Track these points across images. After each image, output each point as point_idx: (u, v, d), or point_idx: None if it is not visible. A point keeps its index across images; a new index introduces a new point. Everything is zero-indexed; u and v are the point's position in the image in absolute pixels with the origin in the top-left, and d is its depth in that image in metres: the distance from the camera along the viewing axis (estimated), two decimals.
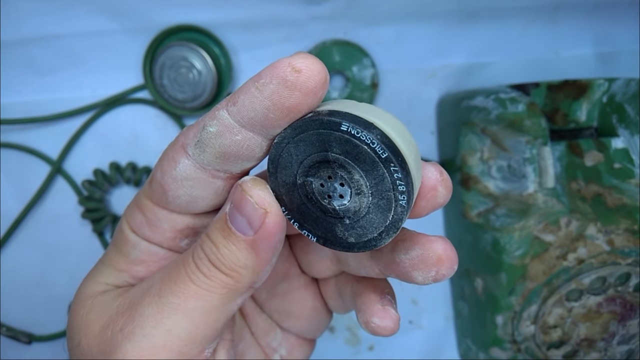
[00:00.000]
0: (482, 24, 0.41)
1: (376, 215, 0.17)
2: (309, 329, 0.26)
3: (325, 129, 0.17)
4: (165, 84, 0.37)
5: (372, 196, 0.17)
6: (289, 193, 0.18)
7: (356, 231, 0.18)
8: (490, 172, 0.36)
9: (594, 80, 0.33)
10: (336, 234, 0.18)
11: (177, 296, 0.18)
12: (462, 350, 0.41)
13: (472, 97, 0.36)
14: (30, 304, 0.38)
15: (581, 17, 0.42)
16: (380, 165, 0.16)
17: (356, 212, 0.17)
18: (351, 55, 0.40)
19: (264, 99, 0.16)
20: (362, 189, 0.17)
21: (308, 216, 0.18)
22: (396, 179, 0.16)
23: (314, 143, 0.17)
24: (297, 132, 0.17)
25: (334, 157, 0.17)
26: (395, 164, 0.16)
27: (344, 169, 0.17)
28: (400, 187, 0.16)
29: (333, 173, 0.17)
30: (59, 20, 0.37)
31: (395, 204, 0.17)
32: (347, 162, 0.17)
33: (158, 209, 0.20)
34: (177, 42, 0.37)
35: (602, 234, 0.33)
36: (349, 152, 0.17)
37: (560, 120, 0.34)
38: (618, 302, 0.34)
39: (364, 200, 0.17)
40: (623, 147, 0.31)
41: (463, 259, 0.39)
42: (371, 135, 0.16)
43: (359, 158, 0.17)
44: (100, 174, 0.38)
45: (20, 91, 0.38)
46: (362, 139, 0.16)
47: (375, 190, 0.17)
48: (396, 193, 0.17)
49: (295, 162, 0.18)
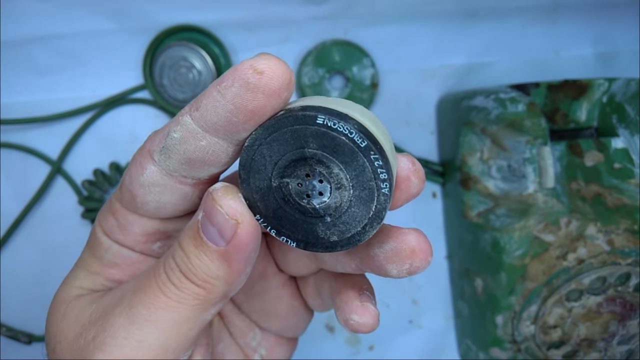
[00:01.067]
0: (482, 24, 0.41)
1: (358, 208, 0.17)
2: (289, 328, 0.25)
3: (300, 124, 0.16)
4: (165, 84, 0.37)
5: (353, 189, 0.17)
6: (263, 198, 0.17)
7: (338, 228, 0.17)
8: (490, 172, 0.36)
9: (594, 80, 0.33)
10: (317, 234, 0.17)
11: (147, 307, 0.18)
12: (462, 350, 0.41)
13: (472, 97, 0.36)
14: (30, 304, 0.38)
15: (581, 17, 0.42)
16: (359, 155, 0.16)
17: (337, 208, 0.17)
18: (351, 55, 0.40)
19: (227, 103, 0.16)
20: (343, 182, 0.17)
21: (286, 220, 0.18)
22: (377, 167, 0.16)
23: (288, 141, 0.16)
24: (270, 131, 0.16)
25: (311, 152, 0.16)
26: (375, 152, 0.16)
27: (322, 164, 0.17)
28: (381, 175, 0.16)
29: (311, 170, 0.17)
30: (59, 20, 0.37)
31: (377, 193, 0.16)
32: (325, 157, 0.16)
33: (128, 213, 0.20)
34: (177, 42, 0.37)
35: (602, 234, 0.33)
36: (326, 145, 0.16)
37: (560, 120, 0.34)
38: (618, 302, 0.34)
39: (345, 194, 0.17)
40: (623, 147, 0.31)
41: (463, 259, 0.39)
42: (348, 126, 0.16)
43: (338, 150, 0.16)
44: (100, 174, 0.38)
45: (20, 91, 0.38)
46: (340, 130, 0.16)
47: (356, 182, 0.16)
48: (378, 182, 0.16)
49: (269, 164, 0.17)
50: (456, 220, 0.39)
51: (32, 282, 0.38)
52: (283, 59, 0.16)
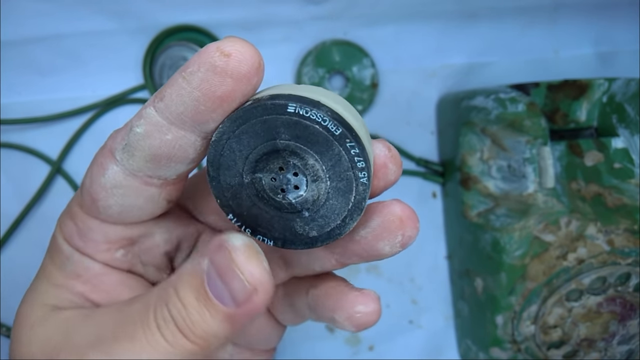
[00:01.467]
0: (482, 23, 0.41)
1: (337, 200, 0.16)
2: (260, 342, 0.24)
3: (270, 114, 0.15)
4: None
5: (330, 180, 0.16)
6: (236, 196, 0.16)
7: (317, 222, 0.16)
8: (490, 172, 0.36)
9: (594, 80, 0.33)
10: (296, 231, 0.16)
11: (130, 353, 0.16)
12: (462, 350, 0.41)
13: (472, 97, 0.36)
14: None
15: (581, 17, 0.42)
16: (335, 144, 0.15)
17: (315, 202, 0.16)
18: (351, 55, 0.40)
19: (193, 90, 0.15)
20: (319, 174, 0.16)
21: (261, 218, 0.16)
22: (354, 155, 0.15)
23: (258, 133, 0.15)
24: (238, 123, 0.15)
25: (284, 144, 0.15)
26: (350, 139, 0.15)
27: (296, 156, 0.16)
28: (359, 164, 0.15)
29: (284, 163, 0.16)
30: (59, 21, 0.37)
31: (356, 183, 0.16)
32: (298, 147, 0.15)
33: (88, 218, 0.18)
34: (177, 42, 0.37)
35: (602, 234, 0.33)
36: (299, 135, 0.15)
37: (560, 120, 0.34)
38: (618, 302, 0.34)
39: (322, 186, 0.16)
40: (623, 147, 0.31)
41: (463, 259, 0.39)
42: (321, 113, 0.15)
43: (312, 140, 0.15)
44: None
45: (21, 91, 0.38)
46: (313, 118, 0.15)
47: (333, 172, 0.16)
48: (355, 171, 0.16)
49: (240, 158, 0.16)
50: (456, 220, 0.39)
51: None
52: (283, 59, 0.16)
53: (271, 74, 0.40)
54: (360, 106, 0.40)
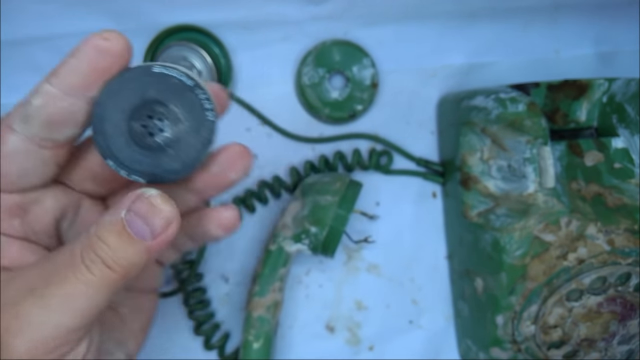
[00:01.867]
0: (482, 23, 0.41)
1: (193, 137, 0.21)
2: (147, 282, 0.28)
3: (139, 75, 0.20)
4: None
5: (187, 121, 0.21)
6: (115, 144, 0.21)
7: (180, 157, 0.21)
8: (490, 172, 0.36)
9: (594, 80, 0.33)
10: (164, 167, 0.21)
11: (65, 296, 0.20)
12: (462, 350, 0.41)
13: (472, 97, 0.36)
14: None
15: (581, 17, 0.42)
16: (189, 93, 0.21)
17: (177, 140, 0.21)
18: (351, 55, 0.40)
19: (82, 64, 0.20)
20: (178, 116, 0.21)
21: (135, 160, 0.21)
22: (203, 99, 0.21)
23: (131, 90, 0.20)
24: (114, 86, 0.20)
25: (151, 97, 0.21)
26: (200, 88, 0.21)
27: (161, 105, 0.21)
28: (206, 106, 0.21)
29: (152, 111, 0.21)
30: (59, 21, 0.37)
31: (206, 122, 0.21)
32: (162, 98, 0.21)
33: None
34: (177, 42, 0.37)
35: (603, 233, 0.33)
36: (162, 89, 0.21)
37: (561, 120, 0.34)
38: (618, 302, 0.34)
39: (181, 126, 0.21)
40: (623, 147, 0.31)
41: (463, 259, 0.39)
42: (177, 72, 0.21)
43: (172, 91, 0.21)
44: None
45: (21, 91, 0.38)
46: (172, 75, 0.21)
47: (189, 115, 0.21)
48: (205, 112, 0.21)
49: (117, 113, 0.21)
50: (456, 220, 0.39)
51: None
52: (283, 59, 0.17)
53: (271, 73, 0.40)
54: (360, 106, 0.40)
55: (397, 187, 0.41)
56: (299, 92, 0.40)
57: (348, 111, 0.40)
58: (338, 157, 0.39)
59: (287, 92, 0.40)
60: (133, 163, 0.21)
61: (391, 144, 0.41)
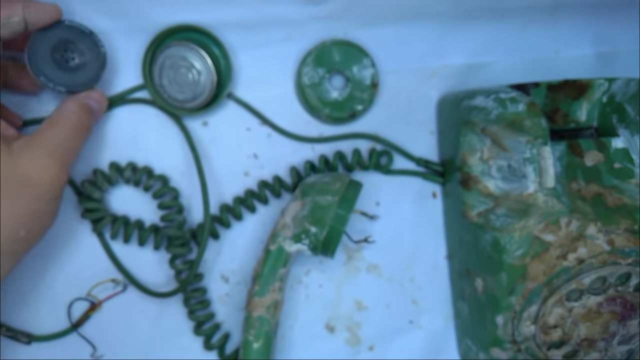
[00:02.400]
0: (482, 23, 0.41)
1: (93, 62, 0.34)
2: None
3: (57, 26, 0.33)
4: (165, 84, 0.37)
5: (88, 53, 0.34)
6: (45, 68, 0.33)
7: (86, 75, 0.34)
8: (491, 172, 0.36)
9: (594, 80, 0.33)
10: (77, 81, 0.34)
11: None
12: (462, 350, 0.41)
13: (472, 97, 0.36)
14: (30, 303, 0.38)
15: (581, 17, 0.42)
16: (88, 36, 0.34)
17: (84, 65, 0.34)
18: (351, 55, 0.40)
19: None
20: (83, 51, 0.34)
21: (59, 77, 0.33)
22: (97, 40, 0.34)
23: (53, 35, 0.33)
24: (43, 33, 0.32)
25: (65, 38, 0.33)
26: (95, 34, 0.34)
27: (72, 43, 0.33)
28: (100, 44, 0.34)
29: (66, 47, 0.33)
30: None
31: (100, 53, 0.34)
32: (72, 38, 0.33)
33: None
34: (177, 42, 0.37)
35: (602, 233, 0.33)
36: (72, 33, 0.33)
37: (561, 120, 0.34)
38: (618, 302, 0.34)
39: (85, 57, 0.34)
40: (623, 147, 0.31)
41: (463, 259, 0.39)
42: (80, 24, 0.33)
43: (78, 34, 0.33)
44: (100, 174, 0.38)
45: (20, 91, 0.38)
46: (76, 26, 0.33)
47: (89, 50, 0.34)
48: (99, 48, 0.34)
49: (45, 48, 0.33)
50: (456, 220, 0.39)
51: (32, 282, 0.38)
52: (283, 59, 0.17)
53: (271, 73, 0.40)
54: (360, 106, 0.40)
55: (397, 187, 0.41)
56: (299, 92, 0.40)
57: (348, 111, 0.40)
58: (338, 157, 0.39)
59: (287, 92, 0.40)
60: (57, 79, 0.33)
61: (391, 144, 0.41)
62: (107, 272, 0.38)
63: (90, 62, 0.34)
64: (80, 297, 0.38)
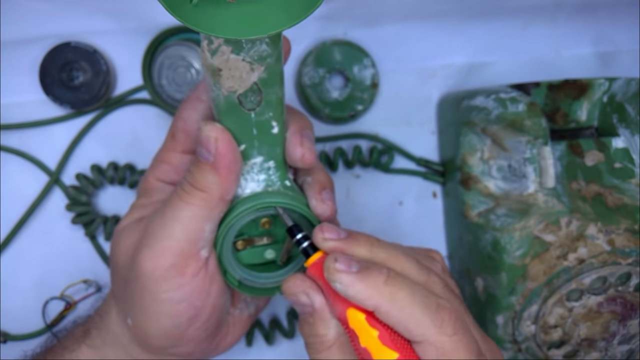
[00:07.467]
0: (482, 23, 0.41)
1: (95, 80, 0.37)
2: None
3: (63, 48, 0.37)
4: (164, 84, 0.37)
5: (90, 71, 0.37)
6: (53, 87, 0.37)
7: (89, 93, 0.37)
8: (491, 172, 0.36)
9: (595, 80, 0.33)
10: (80, 99, 0.37)
11: (172, 210, 0.27)
12: None
13: (472, 97, 0.36)
14: (29, 304, 0.38)
15: (581, 17, 0.42)
16: (91, 55, 0.37)
17: (87, 83, 0.37)
18: (351, 55, 0.40)
19: None
20: (86, 69, 0.37)
21: (64, 95, 0.37)
22: (99, 58, 0.37)
23: (59, 57, 0.37)
24: (52, 54, 0.37)
25: (70, 59, 0.37)
26: (98, 53, 0.37)
27: (76, 63, 0.37)
28: (101, 62, 0.37)
29: (71, 67, 0.37)
30: (59, 21, 0.37)
31: (101, 70, 0.37)
32: (76, 59, 0.37)
33: (183, 156, 0.30)
34: (177, 42, 0.37)
35: (603, 233, 0.33)
36: (76, 54, 0.37)
37: (561, 120, 0.34)
38: (618, 302, 0.34)
39: (88, 75, 0.37)
40: (623, 147, 0.31)
41: (463, 259, 0.39)
42: (83, 44, 0.37)
43: (81, 55, 0.37)
44: (83, 178, 0.37)
45: (21, 91, 0.38)
46: (81, 47, 0.37)
47: (91, 68, 0.37)
48: (101, 66, 0.37)
49: (54, 69, 0.37)
50: (456, 220, 0.39)
51: (32, 284, 0.38)
52: None
53: None
54: (360, 106, 0.40)
55: (397, 187, 0.41)
56: (299, 92, 0.40)
57: (348, 111, 0.40)
58: (339, 154, 0.39)
59: (287, 92, 0.40)
60: (62, 97, 0.36)
61: (391, 143, 0.41)
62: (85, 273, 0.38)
63: (93, 80, 0.36)
64: (55, 296, 0.38)
